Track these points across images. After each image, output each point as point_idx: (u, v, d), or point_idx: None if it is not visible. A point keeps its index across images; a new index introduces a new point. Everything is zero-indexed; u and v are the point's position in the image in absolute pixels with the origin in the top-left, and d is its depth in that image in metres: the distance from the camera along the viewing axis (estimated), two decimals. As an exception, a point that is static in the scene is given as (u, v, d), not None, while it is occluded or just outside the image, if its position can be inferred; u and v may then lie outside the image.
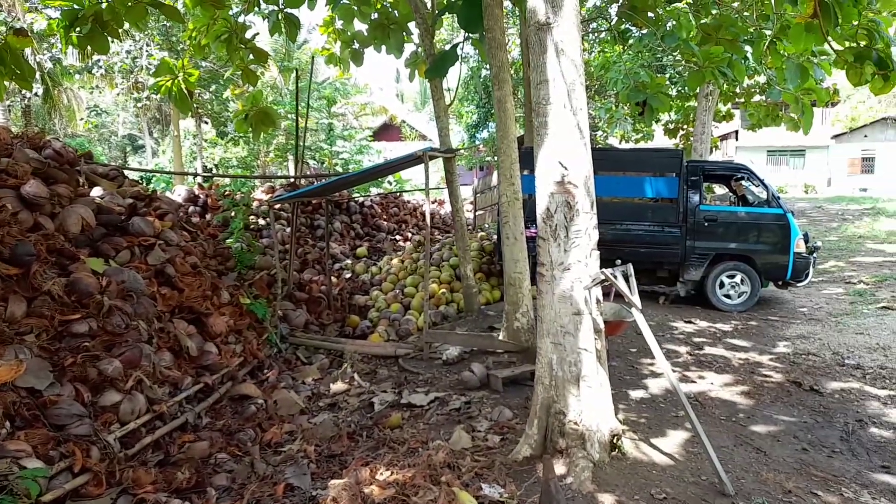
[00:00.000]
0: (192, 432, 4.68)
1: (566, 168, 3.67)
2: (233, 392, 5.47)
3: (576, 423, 3.63)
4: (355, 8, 7.90)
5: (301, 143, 10.83)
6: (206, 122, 25.31)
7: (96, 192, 5.98)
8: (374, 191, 16.41)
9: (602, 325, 3.89)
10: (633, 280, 3.85)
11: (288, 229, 10.54)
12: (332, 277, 9.28)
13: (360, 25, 8.68)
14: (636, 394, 5.17)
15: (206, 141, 25.75)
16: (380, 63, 76.94)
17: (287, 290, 8.23)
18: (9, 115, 13.93)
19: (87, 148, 17.74)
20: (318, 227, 11.85)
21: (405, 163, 7.48)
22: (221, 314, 6.03)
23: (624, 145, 18.77)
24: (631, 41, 9.12)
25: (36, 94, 17.78)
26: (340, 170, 20.46)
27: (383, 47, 8.54)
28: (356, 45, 9.27)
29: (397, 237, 13.51)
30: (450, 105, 8.98)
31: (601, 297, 3.93)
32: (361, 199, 13.86)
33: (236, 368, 5.77)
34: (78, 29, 6.37)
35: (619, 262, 5.07)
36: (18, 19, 15.50)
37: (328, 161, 22.01)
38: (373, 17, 8.15)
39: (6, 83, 6.14)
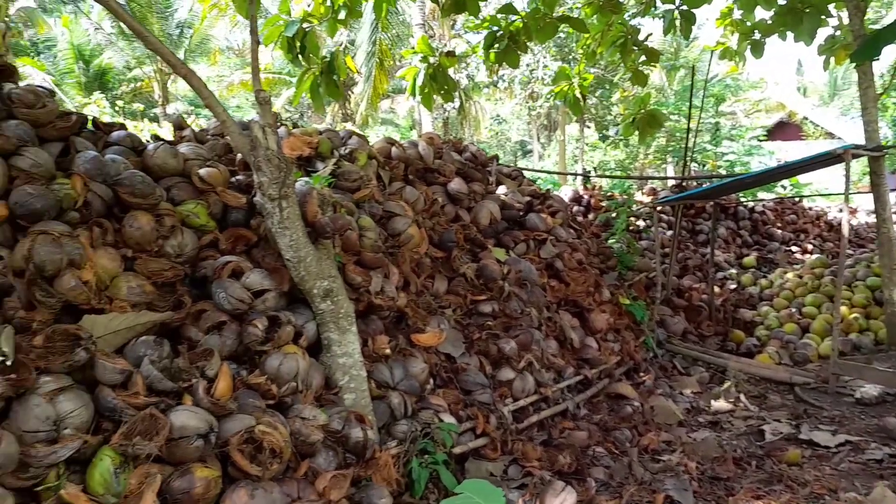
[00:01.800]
0: (572, 420, 4.87)
1: None
2: (609, 389, 5.51)
3: None
4: (762, -5, 7.15)
5: (689, 145, 10.33)
6: (589, 127, 26.41)
7: (501, 190, 6.71)
8: (763, 195, 14.70)
9: None
10: None
11: (668, 232, 10.20)
12: (715, 287, 8.62)
13: (761, 13, 7.82)
14: None
15: (587, 145, 26.87)
16: (777, 54, 68.79)
17: (665, 294, 7.96)
18: (434, 126, 16.87)
19: (489, 153, 20.33)
20: (699, 232, 11.18)
21: (818, 162, 6.43)
22: (602, 311, 6.14)
23: None
24: None
25: (453, 108, 21.05)
26: (724, 172, 18.94)
27: (789, 35, 7.53)
28: (757, 36, 8.39)
29: (793, 248, 11.83)
30: (882, 94, 7.39)
31: None
32: (752, 204, 12.55)
33: (614, 366, 5.81)
34: (497, 46, 7.22)
35: None
36: (445, 44, 18.57)
37: (711, 163, 20.63)
38: (781, 2, 7.24)
39: (435, 97, 7.37)
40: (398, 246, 4.60)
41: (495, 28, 7.08)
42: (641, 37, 7.86)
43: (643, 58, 7.93)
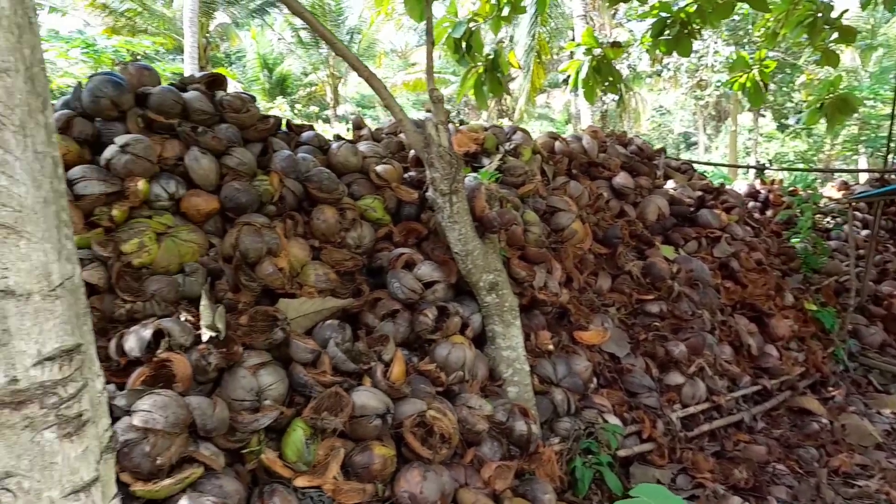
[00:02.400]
0: (748, 433, 4.50)
1: None
2: (792, 403, 5.02)
3: None
4: None
5: (892, 133, 9.06)
6: (765, 115, 24.18)
7: (670, 184, 6.36)
8: None
9: None
10: None
11: (864, 232, 9.04)
12: (924, 294, 7.48)
13: None
14: None
15: (761, 135, 24.64)
16: None
17: (860, 301, 7.06)
18: (593, 119, 16.44)
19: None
20: (903, 232, 9.76)
21: None
22: (784, 317, 5.60)
23: None
24: None
25: (613, 100, 20.34)
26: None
27: None
28: None
29: None
30: None
31: None
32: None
33: (797, 378, 5.27)
34: (667, 33, 6.85)
35: None
36: (606, 35, 17.97)
37: (917, 154, 17.91)
38: None
39: (598, 90, 7.15)
40: (561, 241, 4.54)
41: (665, 15, 6.72)
42: (835, 14, 7.02)
43: (835, 36, 7.08)
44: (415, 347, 3.60)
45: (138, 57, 13.20)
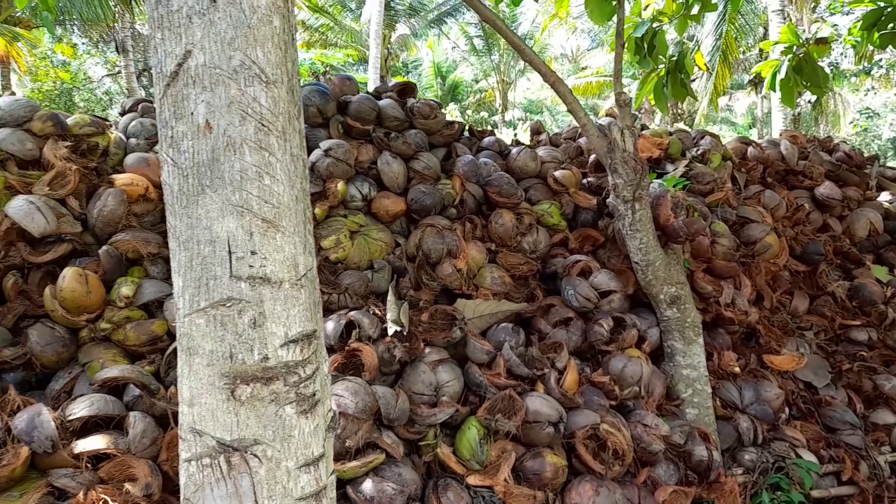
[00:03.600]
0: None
1: None
2: None
3: None
4: None
5: None
6: None
7: (884, 196, 5.58)
8: None
9: None
10: None
11: None
12: None
13: None
14: None
15: None
16: None
17: None
18: (786, 122, 14.91)
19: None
20: None
21: None
22: None
23: None
24: None
25: (808, 101, 18.36)
26: None
27: None
28: None
29: None
30: None
31: None
32: None
33: None
34: (891, 26, 6.04)
35: None
36: (804, 31, 16.25)
37: None
38: None
39: (798, 91, 6.47)
40: (753, 255, 4.17)
41: (882, 4, 5.92)
42: None
43: None
44: (587, 357, 3.52)
45: (327, 68, 14.40)
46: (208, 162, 1.14)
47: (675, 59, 6.50)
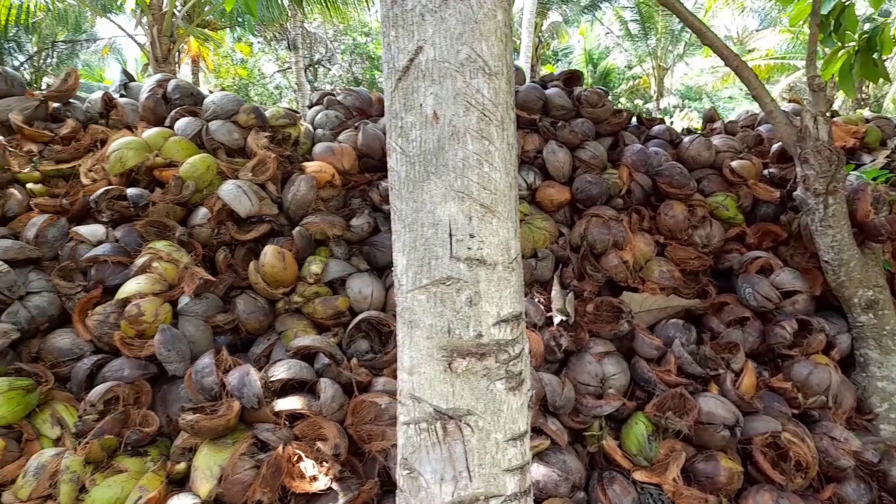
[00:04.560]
0: None
1: None
2: None
3: None
4: None
5: None
6: None
7: None
8: None
9: None
10: None
11: None
12: None
13: None
14: None
15: None
16: None
17: None
18: None
19: None
20: None
21: None
22: None
23: None
24: None
25: None
26: None
27: None
28: None
29: None
30: None
31: None
32: None
33: None
34: None
35: None
36: None
37: None
38: None
39: None
40: (970, 259, 3.64)
41: None
42: None
43: None
44: (765, 361, 3.29)
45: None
46: (434, 150, 1.22)
47: (867, 36, 5.82)
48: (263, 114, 3.54)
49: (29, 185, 3.10)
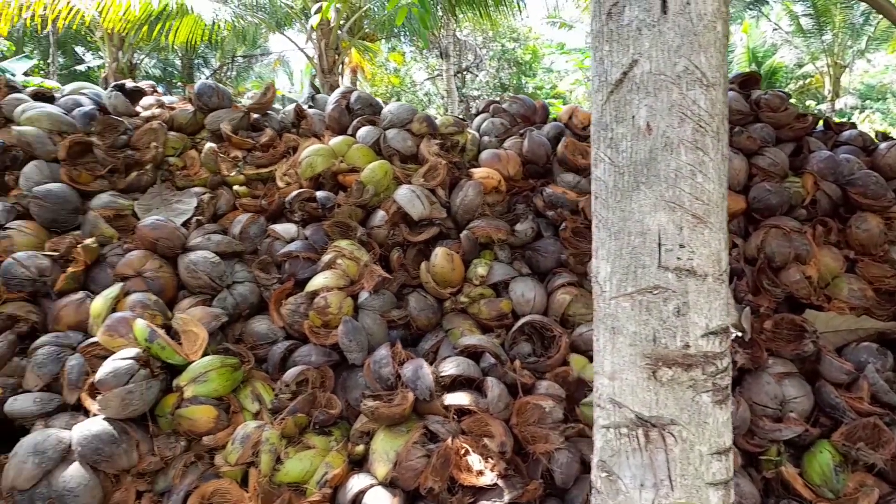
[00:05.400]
0: None
1: None
2: None
3: None
4: None
5: None
6: None
7: None
8: None
9: None
10: None
11: None
12: None
13: None
14: None
15: None
16: None
17: None
18: None
19: None
20: None
21: None
22: None
23: None
24: None
25: None
26: None
27: None
28: None
29: None
30: None
31: None
32: None
33: None
34: None
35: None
36: None
37: None
38: None
39: None
40: None
41: None
42: None
43: None
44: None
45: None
46: (645, 161, 1.24)
47: None
48: (435, 122, 3.73)
49: (235, 187, 3.53)
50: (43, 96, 3.78)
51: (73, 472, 2.37)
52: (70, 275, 2.97)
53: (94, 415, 2.53)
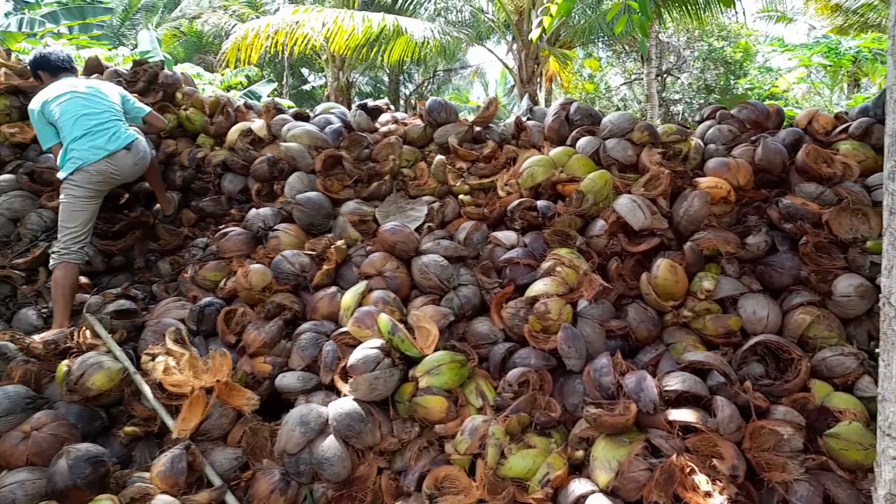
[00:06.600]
0: None
1: None
2: None
3: None
4: None
5: None
6: None
7: None
8: None
9: None
10: None
11: None
12: None
13: None
14: None
15: None
16: None
17: None
18: None
19: None
20: None
21: None
22: None
23: None
24: None
25: None
26: None
27: None
28: None
29: None
30: None
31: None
32: None
33: None
34: None
35: None
36: None
37: None
38: None
39: None
40: None
41: None
42: None
43: None
44: None
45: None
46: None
47: None
48: (656, 131, 3.66)
49: (460, 196, 3.78)
50: (301, 116, 4.39)
51: (330, 444, 2.73)
52: (324, 271, 3.41)
53: (346, 395, 2.89)
